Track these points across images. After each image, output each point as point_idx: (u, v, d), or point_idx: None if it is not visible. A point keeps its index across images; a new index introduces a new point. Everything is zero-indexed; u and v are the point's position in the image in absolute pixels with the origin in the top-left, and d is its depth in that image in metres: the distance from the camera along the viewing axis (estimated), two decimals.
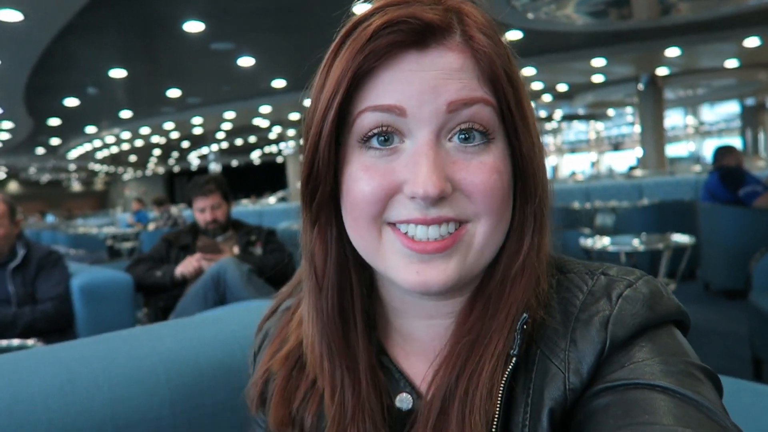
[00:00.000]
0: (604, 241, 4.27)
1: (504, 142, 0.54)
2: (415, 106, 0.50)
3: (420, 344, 0.60)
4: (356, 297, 0.59)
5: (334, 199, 0.56)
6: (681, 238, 4.20)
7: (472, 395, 0.51)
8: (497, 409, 0.51)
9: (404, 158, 0.52)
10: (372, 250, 0.54)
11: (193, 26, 7.54)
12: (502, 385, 0.51)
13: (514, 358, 0.52)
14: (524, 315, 0.52)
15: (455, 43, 0.52)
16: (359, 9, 0.56)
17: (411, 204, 0.51)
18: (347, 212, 0.55)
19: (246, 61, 9.62)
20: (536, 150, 0.55)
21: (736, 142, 21.02)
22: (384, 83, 0.51)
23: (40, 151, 21.48)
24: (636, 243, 4.07)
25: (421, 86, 0.50)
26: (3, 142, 17.26)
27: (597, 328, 0.51)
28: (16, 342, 2.07)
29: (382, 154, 0.52)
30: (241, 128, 18.55)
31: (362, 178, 0.52)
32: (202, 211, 3.01)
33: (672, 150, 25.48)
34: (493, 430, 0.51)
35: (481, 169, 0.51)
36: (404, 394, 0.58)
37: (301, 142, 0.58)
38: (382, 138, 0.52)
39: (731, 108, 23.10)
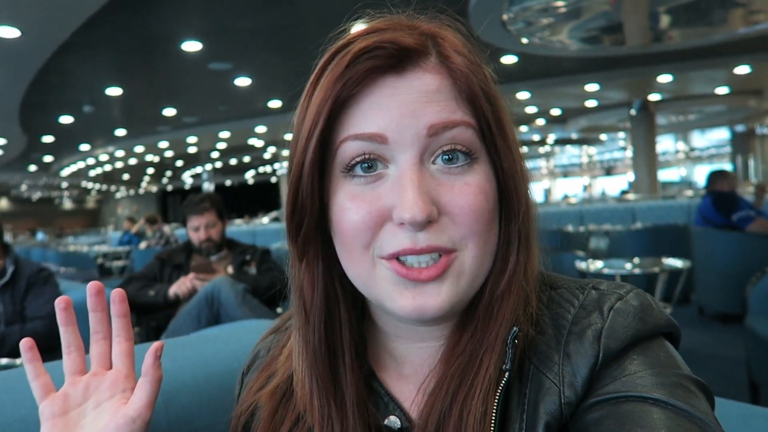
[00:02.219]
0: (598, 264, 4.27)
1: (487, 161, 0.54)
2: (395, 132, 0.51)
3: (412, 367, 0.60)
4: (344, 330, 0.59)
5: (321, 232, 0.56)
6: (676, 262, 4.20)
7: (466, 417, 0.51)
8: (492, 426, 0.50)
9: (389, 183, 0.52)
10: (365, 279, 0.54)
11: (191, 46, 7.58)
12: (495, 401, 0.51)
13: (507, 373, 0.52)
14: (514, 329, 0.53)
15: (431, 65, 0.53)
16: (355, 29, 0.57)
17: (401, 232, 0.51)
18: (339, 243, 0.55)
19: (243, 81, 9.65)
20: (518, 167, 0.55)
21: (727, 167, 21.22)
22: (363, 110, 0.52)
23: (33, 168, 21.37)
24: (631, 266, 4.07)
25: (401, 111, 0.51)
26: None
27: (590, 341, 0.52)
28: (4, 361, 2.03)
29: (367, 181, 0.52)
30: (236, 148, 18.54)
31: (350, 207, 0.52)
32: (196, 229, 2.97)
33: (664, 175, 25.69)
34: None
35: (467, 191, 0.52)
36: (393, 418, 0.58)
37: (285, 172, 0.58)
38: (366, 165, 0.52)
39: (722, 134, 23.36)
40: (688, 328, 4.94)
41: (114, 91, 9.96)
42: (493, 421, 0.51)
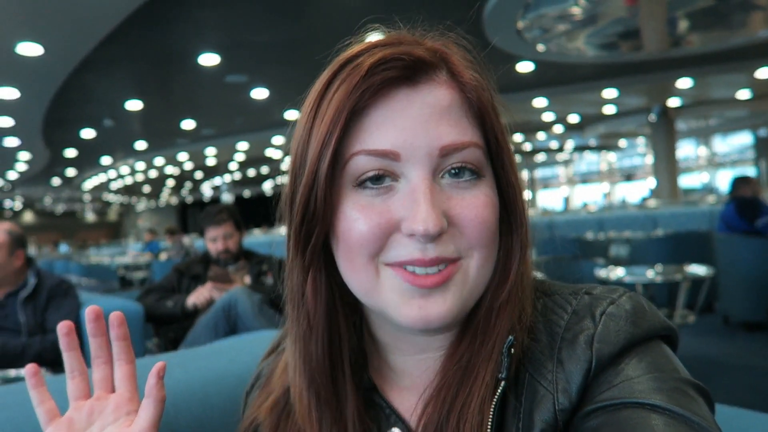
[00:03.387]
0: (619, 272, 4.20)
1: (491, 176, 0.56)
2: (408, 150, 0.51)
3: (411, 378, 0.60)
4: (344, 341, 0.59)
5: (325, 244, 0.56)
6: (699, 270, 4.12)
7: (463, 426, 0.51)
8: None
9: (400, 197, 0.52)
10: (369, 289, 0.54)
11: (208, 59, 7.68)
12: (491, 411, 0.51)
13: (503, 382, 0.52)
14: (510, 338, 0.53)
15: (443, 79, 0.54)
16: (372, 38, 0.58)
17: (410, 243, 0.51)
18: (342, 254, 0.54)
19: (259, 93, 9.75)
20: (518, 180, 0.57)
21: (750, 172, 20.87)
22: (377, 124, 0.52)
23: (56, 181, 21.77)
24: (653, 274, 3.99)
25: (414, 128, 0.51)
26: (20, 173, 17.52)
27: (582, 347, 0.51)
28: (24, 372, 2.05)
29: (377, 193, 0.52)
30: (254, 159, 18.71)
31: (358, 218, 0.52)
32: (214, 240, 2.99)
33: (685, 181, 25.33)
34: None
35: (475, 204, 0.52)
36: (395, 430, 0.58)
37: (286, 181, 0.58)
38: (376, 178, 0.52)
39: (744, 139, 23.02)
40: (712, 337, 4.84)
41: (134, 105, 10.13)
42: (489, 428, 0.50)
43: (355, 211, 0.52)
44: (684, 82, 10.87)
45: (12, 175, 18.14)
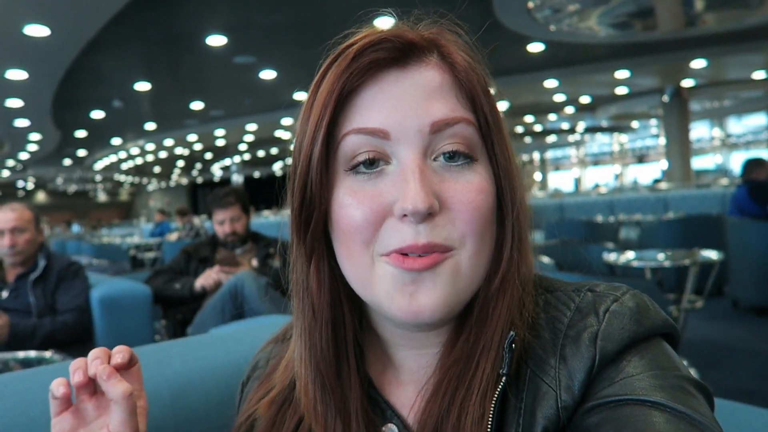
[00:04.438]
0: (628, 256, 4.17)
1: (486, 160, 0.55)
2: (398, 128, 0.51)
3: (410, 374, 0.59)
4: (348, 332, 0.59)
5: (324, 232, 0.56)
6: (709, 254, 4.08)
7: (463, 421, 0.51)
8: (488, 431, 0.50)
9: (391, 179, 0.52)
10: (364, 279, 0.54)
11: (216, 40, 7.64)
12: (492, 407, 0.51)
13: (504, 378, 0.51)
14: (511, 333, 0.52)
15: (434, 62, 0.54)
16: (381, 22, 0.58)
17: (403, 227, 0.51)
18: (338, 241, 0.54)
19: (268, 74, 9.71)
20: (512, 165, 0.55)
21: (764, 154, 20.58)
22: (366, 103, 0.52)
23: (67, 162, 21.92)
24: (662, 258, 3.96)
25: (403, 107, 0.51)
26: (31, 153, 17.65)
27: (586, 344, 0.51)
28: (33, 354, 2.08)
29: (368, 177, 0.53)
30: (263, 140, 18.71)
31: (351, 203, 0.52)
32: (221, 223, 3.01)
33: (698, 162, 25.06)
34: None
35: (468, 188, 0.52)
36: (391, 425, 0.57)
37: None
38: (368, 162, 0.52)
39: (759, 120, 22.68)
40: (721, 322, 4.82)
41: (142, 86, 10.13)
42: (489, 425, 0.50)
43: (347, 196, 0.52)
44: (698, 63, 10.69)
45: (23, 156, 18.28)
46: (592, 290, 0.55)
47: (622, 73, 11.35)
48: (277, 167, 29.75)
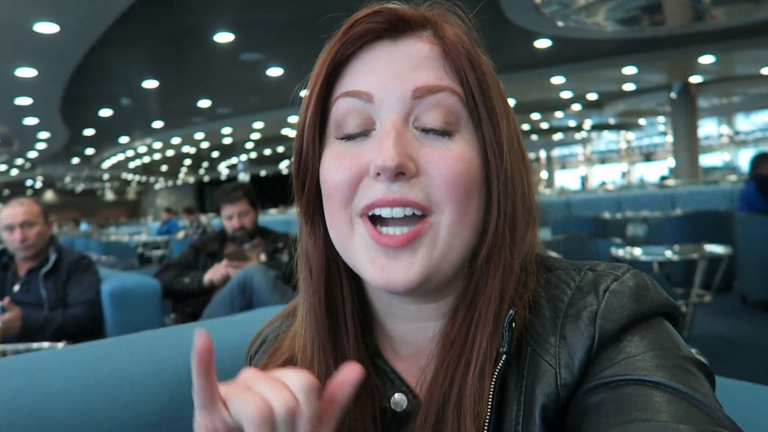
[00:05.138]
0: (635, 251, 4.16)
1: (472, 131, 0.55)
2: (382, 92, 0.53)
3: (411, 347, 0.60)
4: (346, 297, 0.60)
5: (318, 196, 0.58)
6: (716, 249, 4.07)
7: (464, 397, 0.51)
8: (489, 407, 0.51)
9: (371, 142, 0.54)
10: (344, 240, 0.55)
11: (223, 37, 7.67)
12: (492, 383, 0.51)
13: (504, 356, 0.52)
14: (511, 312, 0.52)
15: (426, 36, 0.55)
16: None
17: (376, 184, 0.52)
18: (325, 204, 0.57)
19: (275, 72, 9.74)
20: (502, 139, 0.54)
21: None
22: (357, 70, 0.55)
23: (76, 160, 22.03)
24: (669, 253, 3.95)
25: (390, 73, 0.53)
26: (40, 151, 17.75)
27: (585, 323, 0.51)
28: (46, 345, 2.10)
29: (354, 142, 0.55)
30: (270, 138, 18.75)
31: (332, 164, 0.55)
32: (229, 218, 3.03)
33: (706, 160, 24.90)
34: (485, 428, 0.50)
35: (447, 155, 0.52)
36: (400, 395, 0.58)
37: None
38: (356, 129, 0.54)
39: None
40: (729, 317, 4.80)
41: (150, 84, 10.17)
42: (489, 403, 0.51)
43: (332, 160, 0.55)
44: (707, 58, 10.62)
45: (32, 154, 18.39)
46: (592, 269, 0.56)
47: (629, 70, 11.30)
48: (283, 165, 29.80)
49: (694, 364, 0.49)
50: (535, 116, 18.73)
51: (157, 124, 14.94)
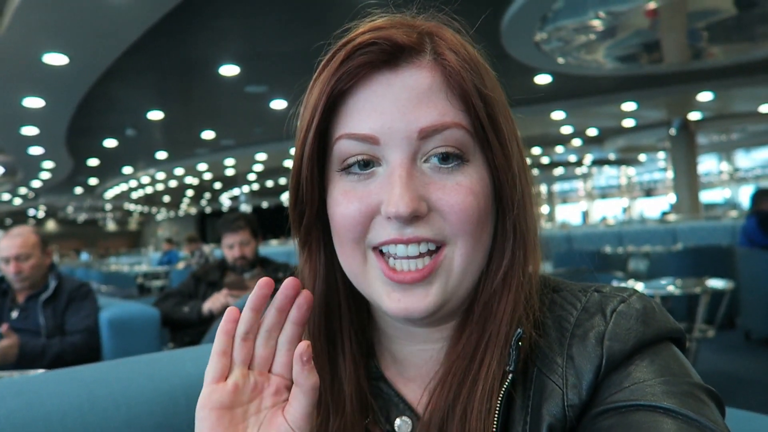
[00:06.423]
0: (638, 286, 4.14)
1: (480, 159, 0.54)
2: (387, 134, 0.52)
3: (415, 369, 0.60)
4: (344, 322, 0.60)
5: (324, 225, 0.58)
6: (718, 283, 4.04)
7: (469, 416, 0.51)
8: (495, 426, 0.50)
9: (380, 181, 0.53)
10: (358, 273, 0.55)
11: (229, 69, 7.79)
12: (498, 403, 0.51)
13: (511, 375, 0.51)
14: (519, 331, 0.52)
15: (426, 62, 0.53)
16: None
17: (389, 225, 0.52)
18: (334, 237, 0.56)
19: (278, 104, 9.86)
20: (513, 163, 0.54)
21: None
22: (357, 107, 0.53)
23: (79, 190, 22.13)
24: (672, 288, 3.94)
25: (392, 112, 0.52)
26: (44, 181, 17.84)
27: (593, 344, 0.51)
28: (41, 372, 2.09)
29: (360, 178, 0.54)
30: (272, 170, 18.86)
31: (342, 202, 0.54)
32: (231, 247, 3.03)
33: (706, 196, 24.96)
34: None
35: (457, 190, 0.52)
36: (404, 418, 0.57)
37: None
38: (362, 163, 0.54)
39: None
40: (733, 354, 4.75)
41: (155, 115, 10.30)
42: (495, 422, 0.50)
43: (340, 195, 0.54)
44: (705, 95, 10.76)
45: (36, 184, 18.49)
46: (598, 291, 0.56)
47: (628, 106, 11.42)
48: (284, 197, 29.87)
49: (704, 392, 0.49)
50: (536, 150, 18.87)
51: (161, 155, 15.06)
